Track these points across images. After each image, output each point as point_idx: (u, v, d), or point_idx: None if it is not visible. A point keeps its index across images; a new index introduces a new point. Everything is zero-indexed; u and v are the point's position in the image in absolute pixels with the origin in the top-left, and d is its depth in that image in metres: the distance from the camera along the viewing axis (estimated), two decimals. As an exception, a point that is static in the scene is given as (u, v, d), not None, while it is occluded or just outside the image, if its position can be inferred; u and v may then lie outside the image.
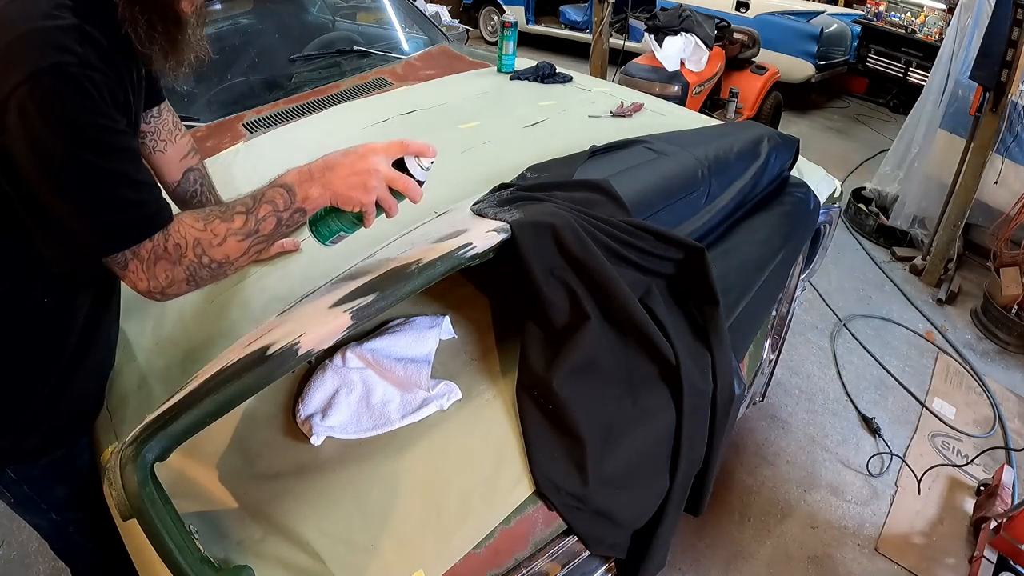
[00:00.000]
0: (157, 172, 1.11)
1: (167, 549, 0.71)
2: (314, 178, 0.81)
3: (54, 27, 0.66)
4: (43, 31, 0.66)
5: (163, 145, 1.09)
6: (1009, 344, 2.73)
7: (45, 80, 0.64)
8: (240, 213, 0.79)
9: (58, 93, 0.65)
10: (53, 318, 0.83)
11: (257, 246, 0.81)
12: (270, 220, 0.80)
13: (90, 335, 0.90)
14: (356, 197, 0.81)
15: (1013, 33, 2.55)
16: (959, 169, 2.99)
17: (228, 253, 0.79)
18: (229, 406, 0.77)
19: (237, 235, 0.79)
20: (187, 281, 0.78)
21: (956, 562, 1.83)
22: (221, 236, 0.78)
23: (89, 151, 0.68)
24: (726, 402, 1.09)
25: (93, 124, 0.68)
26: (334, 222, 0.88)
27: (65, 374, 0.89)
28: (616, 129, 1.79)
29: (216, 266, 0.79)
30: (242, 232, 0.79)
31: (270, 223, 0.80)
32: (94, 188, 0.69)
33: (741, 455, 2.12)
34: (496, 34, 6.60)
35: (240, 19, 2.21)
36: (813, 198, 1.54)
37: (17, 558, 1.77)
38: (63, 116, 0.66)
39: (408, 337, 1.08)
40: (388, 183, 0.82)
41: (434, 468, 0.93)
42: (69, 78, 0.65)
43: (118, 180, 0.71)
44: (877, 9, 5.59)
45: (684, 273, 1.15)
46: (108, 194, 0.70)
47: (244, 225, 0.79)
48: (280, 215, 0.80)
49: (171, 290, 0.79)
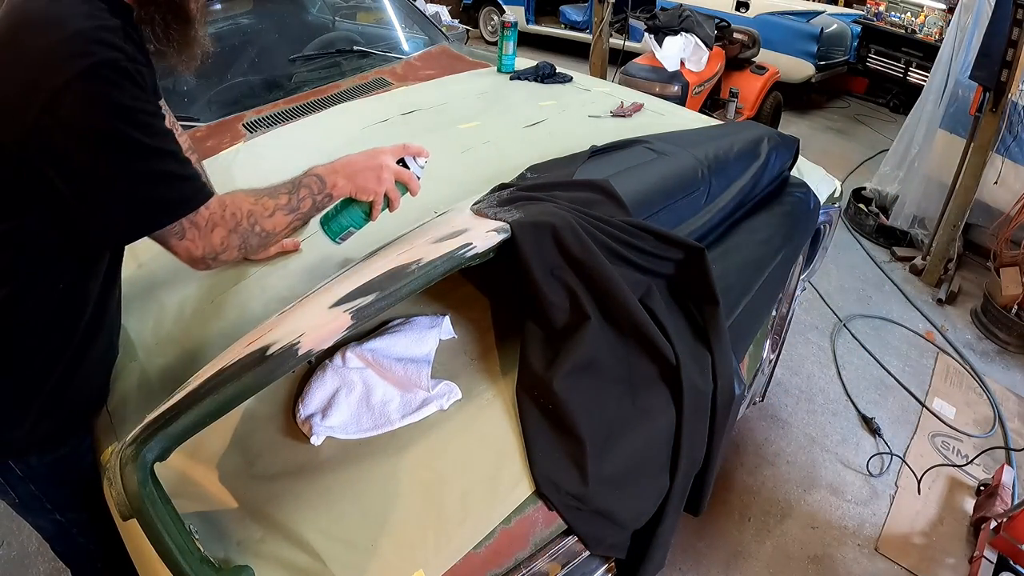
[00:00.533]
0: None
1: (167, 549, 0.71)
2: (337, 172, 0.98)
3: (101, 26, 0.73)
4: (93, 30, 0.72)
5: None
6: (1009, 344, 2.73)
7: (102, 72, 0.70)
8: (284, 193, 0.94)
9: (113, 84, 0.71)
10: (66, 303, 0.87)
11: (296, 222, 0.96)
12: (307, 201, 0.95)
13: (97, 322, 0.93)
14: (371, 187, 1.00)
15: (1013, 33, 2.55)
16: (959, 169, 2.99)
17: (276, 225, 0.92)
18: (229, 406, 0.77)
19: (283, 210, 0.93)
20: (239, 248, 0.88)
21: (956, 562, 1.83)
22: (271, 210, 0.91)
23: (142, 133, 0.75)
24: (726, 402, 1.09)
25: (143, 110, 0.75)
26: (345, 218, 1.05)
27: (75, 359, 0.91)
28: (616, 129, 1.79)
29: (264, 235, 0.91)
30: (287, 208, 0.93)
31: (307, 203, 0.95)
32: (149, 164, 0.76)
33: (741, 455, 2.12)
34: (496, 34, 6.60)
35: (240, 19, 2.21)
36: (813, 198, 1.54)
37: (17, 558, 1.77)
38: (118, 103, 0.72)
39: (408, 337, 1.08)
40: (395, 176, 1.02)
41: (434, 468, 0.93)
42: (122, 71, 0.72)
43: (167, 157, 0.78)
44: (877, 9, 5.59)
45: (684, 273, 1.15)
46: (161, 169, 0.78)
47: (288, 203, 0.93)
48: (315, 198, 0.96)
49: (224, 255, 0.88)
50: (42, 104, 0.69)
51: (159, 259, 1.26)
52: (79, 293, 0.88)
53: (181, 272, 1.24)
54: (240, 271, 1.25)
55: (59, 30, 0.71)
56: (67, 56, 0.70)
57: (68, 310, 0.88)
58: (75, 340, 0.90)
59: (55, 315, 0.86)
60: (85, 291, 0.89)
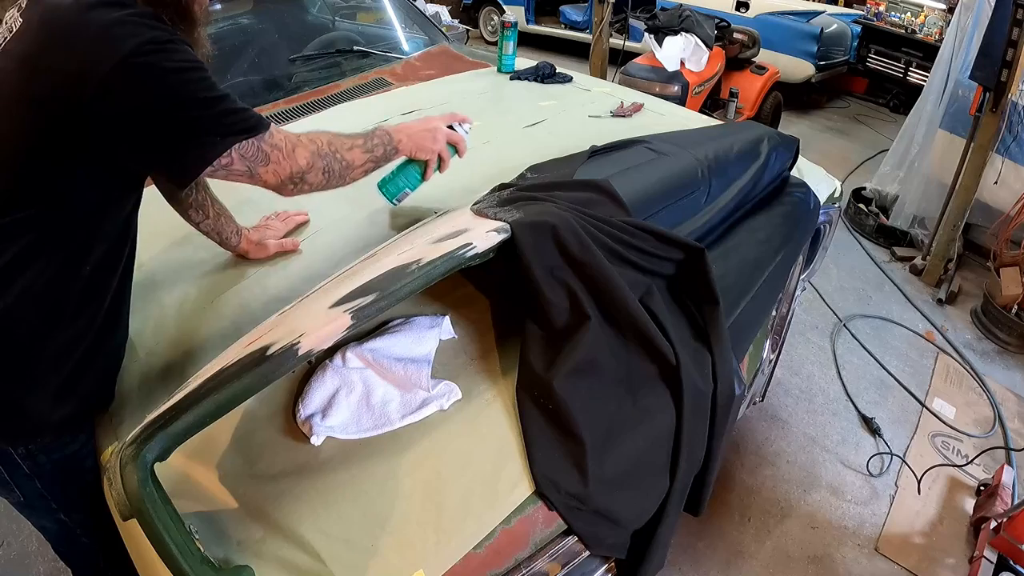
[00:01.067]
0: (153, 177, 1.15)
1: (167, 549, 0.71)
2: (400, 130, 1.10)
3: (142, 12, 0.80)
4: (134, 15, 0.78)
5: None
6: (1009, 344, 2.73)
7: (154, 44, 0.77)
8: (360, 136, 1.03)
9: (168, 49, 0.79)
10: (90, 289, 0.90)
11: (370, 164, 1.04)
12: (379, 149, 1.05)
13: (116, 314, 0.98)
14: (428, 146, 1.13)
15: (1013, 33, 2.55)
16: (959, 169, 2.99)
17: (354, 158, 1.01)
18: (229, 406, 0.78)
19: (361, 148, 1.02)
20: (323, 172, 0.96)
21: (956, 562, 1.83)
22: (349, 145, 1.00)
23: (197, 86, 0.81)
24: (726, 402, 1.09)
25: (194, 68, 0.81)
26: (402, 179, 1.19)
27: (93, 347, 0.93)
28: (616, 129, 1.79)
29: (345, 164, 0.99)
30: (363, 148, 1.03)
31: (379, 151, 1.06)
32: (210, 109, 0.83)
33: (741, 455, 2.12)
34: (496, 34, 6.60)
35: (240, 19, 2.21)
36: (813, 198, 1.54)
37: (17, 558, 1.77)
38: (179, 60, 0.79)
39: (408, 337, 1.08)
40: (447, 139, 1.16)
41: (434, 468, 0.93)
42: (169, 41, 0.79)
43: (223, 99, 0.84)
44: (877, 9, 5.59)
45: (684, 273, 1.15)
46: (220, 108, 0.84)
47: (364, 143, 1.03)
48: (385, 148, 1.07)
49: (310, 176, 0.94)
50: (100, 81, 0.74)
51: (159, 259, 1.27)
52: (102, 282, 0.92)
53: (181, 272, 1.24)
54: (240, 271, 1.25)
55: (97, 20, 0.76)
56: (114, 39, 0.75)
57: (92, 296, 0.91)
58: (96, 327, 0.92)
59: (80, 299, 0.89)
60: (107, 282, 0.93)
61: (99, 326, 0.93)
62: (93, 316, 0.92)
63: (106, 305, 0.93)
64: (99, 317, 0.93)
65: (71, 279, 0.87)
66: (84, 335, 0.91)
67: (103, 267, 0.91)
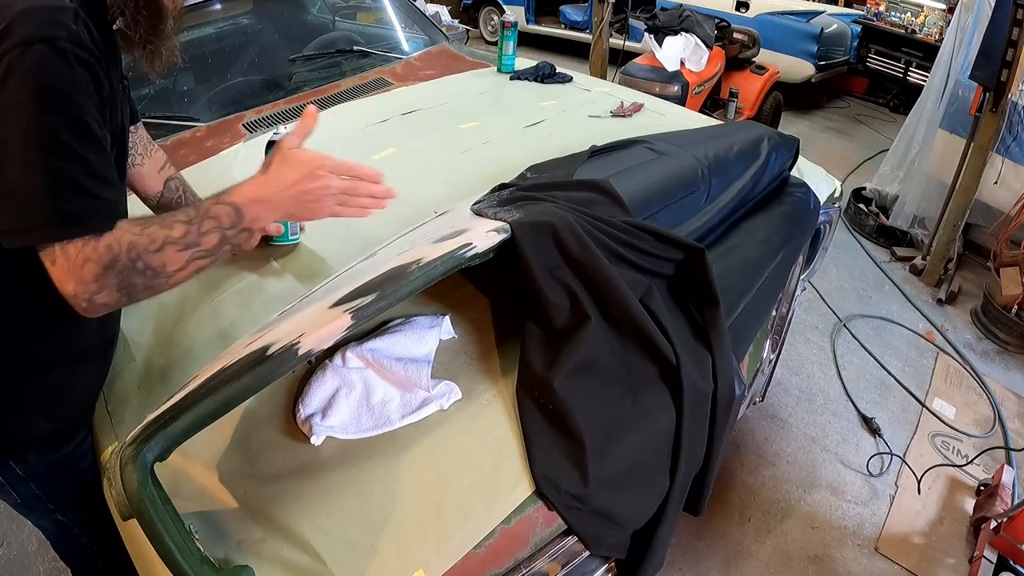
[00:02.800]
0: (139, 186, 1.14)
1: (167, 549, 0.71)
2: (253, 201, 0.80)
3: (51, 6, 0.69)
4: (41, 8, 0.68)
5: (140, 159, 1.11)
6: (1009, 344, 2.73)
7: (36, 47, 0.66)
8: (181, 222, 0.76)
9: (44, 61, 0.66)
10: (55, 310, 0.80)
11: (198, 261, 0.78)
12: (212, 236, 0.78)
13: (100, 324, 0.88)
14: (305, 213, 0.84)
15: (1013, 33, 2.55)
16: (959, 169, 2.99)
17: (165, 262, 0.75)
18: (229, 406, 0.77)
19: (176, 244, 0.75)
20: (119, 287, 0.73)
21: (956, 562, 1.83)
22: (159, 243, 0.74)
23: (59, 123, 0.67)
24: (726, 402, 1.09)
25: (71, 100, 0.68)
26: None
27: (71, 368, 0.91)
28: (616, 129, 1.78)
29: (152, 274, 0.74)
30: (182, 243, 0.75)
31: (212, 239, 0.78)
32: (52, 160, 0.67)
33: (741, 455, 2.12)
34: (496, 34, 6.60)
35: (240, 19, 2.21)
36: (813, 198, 1.54)
37: (17, 558, 1.77)
38: (44, 83, 0.66)
39: (408, 337, 1.08)
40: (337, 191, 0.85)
41: (434, 468, 0.93)
42: (58, 51, 0.67)
43: (79, 162, 0.69)
44: (877, 9, 5.59)
45: (684, 273, 1.15)
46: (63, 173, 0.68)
47: (184, 236, 0.76)
48: (223, 232, 0.79)
49: (100, 297, 0.72)
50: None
51: (159, 259, 1.26)
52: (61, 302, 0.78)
53: (181, 272, 1.24)
54: (239, 272, 1.25)
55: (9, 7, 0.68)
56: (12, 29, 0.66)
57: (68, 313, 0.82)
58: (72, 347, 0.89)
59: (55, 316, 0.83)
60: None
61: (77, 344, 0.89)
62: (67, 335, 0.87)
63: (85, 320, 0.80)
64: (76, 335, 0.88)
65: (31, 298, 0.79)
66: (59, 352, 0.88)
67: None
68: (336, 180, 0.84)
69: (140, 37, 0.82)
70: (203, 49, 2.02)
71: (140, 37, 0.82)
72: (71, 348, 0.90)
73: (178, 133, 1.72)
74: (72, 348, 0.90)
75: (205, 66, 2.00)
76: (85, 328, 0.89)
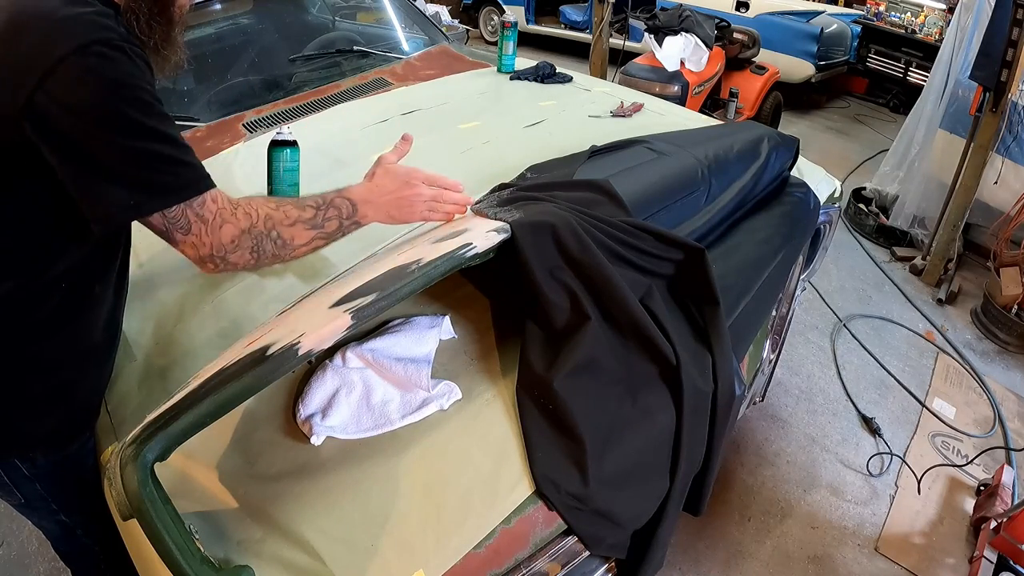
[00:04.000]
0: None
1: (167, 549, 0.71)
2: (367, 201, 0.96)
3: (94, 12, 0.73)
4: (84, 15, 0.72)
5: None
6: (1009, 344, 2.73)
7: (95, 48, 0.70)
8: (311, 207, 0.90)
9: (108, 59, 0.71)
10: (73, 303, 0.86)
11: (318, 241, 0.92)
12: (332, 223, 0.93)
13: (106, 321, 0.93)
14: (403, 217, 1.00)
15: (1013, 33, 2.55)
16: (959, 169, 2.99)
17: (295, 236, 0.88)
18: (229, 406, 0.77)
19: (305, 224, 0.89)
20: (252, 251, 0.84)
21: (956, 562, 1.83)
22: (292, 219, 0.88)
23: (138, 111, 0.73)
24: (726, 402, 1.09)
25: (140, 87, 0.73)
26: None
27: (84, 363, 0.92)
28: (616, 129, 1.78)
29: (281, 244, 0.87)
30: (310, 223, 0.90)
31: (332, 225, 0.93)
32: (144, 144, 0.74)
33: (741, 455, 2.12)
34: (496, 34, 6.59)
35: (240, 19, 2.21)
36: (813, 198, 1.54)
37: (17, 558, 1.77)
38: (113, 79, 0.71)
39: (408, 337, 1.08)
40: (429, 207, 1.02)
41: (434, 468, 0.93)
42: (117, 47, 0.71)
43: (164, 140, 0.76)
44: (877, 9, 5.59)
45: (684, 273, 1.15)
46: (156, 150, 0.75)
47: (313, 217, 0.90)
48: (342, 221, 0.94)
49: (234, 256, 0.83)
50: (37, 81, 0.68)
51: (159, 259, 1.27)
52: (86, 294, 0.87)
53: (181, 272, 1.24)
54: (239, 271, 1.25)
55: (53, 14, 0.71)
56: (61, 36, 0.69)
57: (76, 311, 0.87)
58: (80, 344, 0.90)
59: (63, 314, 0.86)
60: (92, 293, 0.88)
61: (84, 342, 0.90)
62: (75, 333, 0.88)
63: (92, 319, 0.89)
64: (83, 333, 0.89)
65: (39, 295, 0.82)
66: (67, 350, 0.89)
67: (79, 283, 0.85)
68: (426, 189, 1.00)
69: (154, 43, 0.84)
70: (203, 49, 2.02)
71: (154, 43, 0.84)
72: (79, 345, 0.90)
73: (178, 133, 1.72)
74: (80, 345, 0.91)
75: (205, 66, 2.00)
76: (92, 325, 0.91)
